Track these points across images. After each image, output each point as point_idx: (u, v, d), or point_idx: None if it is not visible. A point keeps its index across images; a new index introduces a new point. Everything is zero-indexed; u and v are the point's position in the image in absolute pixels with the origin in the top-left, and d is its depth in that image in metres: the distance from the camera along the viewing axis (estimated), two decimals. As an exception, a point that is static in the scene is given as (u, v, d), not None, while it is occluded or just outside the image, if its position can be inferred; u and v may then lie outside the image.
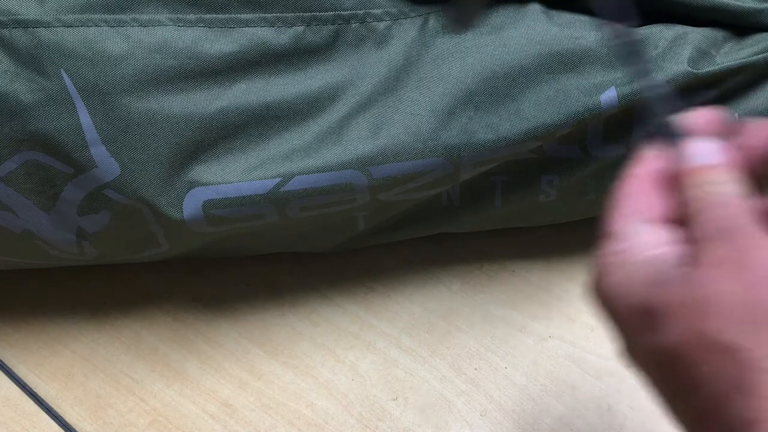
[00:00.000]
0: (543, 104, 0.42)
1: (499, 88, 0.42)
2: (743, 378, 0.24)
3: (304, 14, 0.42)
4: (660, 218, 0.28)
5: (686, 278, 0.26)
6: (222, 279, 0.53)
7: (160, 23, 0.40)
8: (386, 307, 0.51)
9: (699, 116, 0.29)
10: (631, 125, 0.44)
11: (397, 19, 0.43)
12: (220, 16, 0.41)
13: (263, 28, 0.41)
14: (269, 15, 0.41)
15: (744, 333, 0.24)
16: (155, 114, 0.40)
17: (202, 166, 0.41)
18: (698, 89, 0.43)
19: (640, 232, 0.28)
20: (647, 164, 0.29)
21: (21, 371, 0.50)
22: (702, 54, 0.43)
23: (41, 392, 0.49)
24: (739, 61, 0.42)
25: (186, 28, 0.40)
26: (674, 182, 0.28)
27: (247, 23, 0.41)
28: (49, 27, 0.39)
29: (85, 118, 0.40)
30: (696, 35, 0.43)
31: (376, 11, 0.43)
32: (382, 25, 0.43)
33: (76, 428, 0.47)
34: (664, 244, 0.27)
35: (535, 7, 0.44)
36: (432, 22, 0.44)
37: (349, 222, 0.46)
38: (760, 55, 0.42)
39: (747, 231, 0.26)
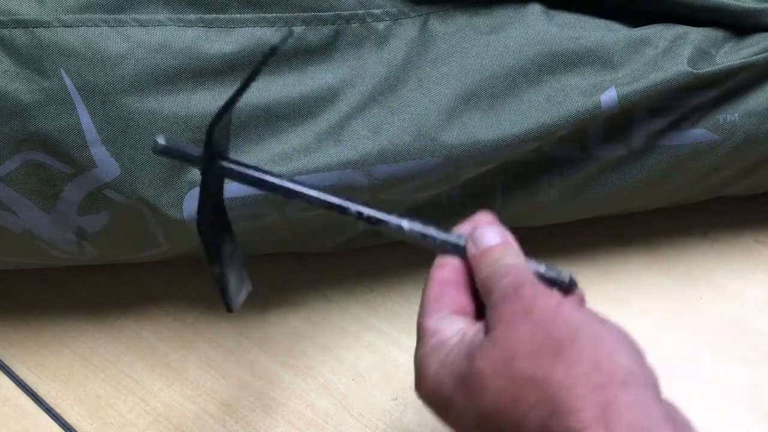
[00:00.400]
0: (543, 104, 0.42)
1: (499, 88, 0.42)
2: (556, 400, 0.27)
3: (304, 14, 0.42)
4: (458, 310, 0.32)
5: (488, 341, 0.29)
6: (222, 279, 0.53)
7: (160, 23, 0.40)
8: (386, 307, 0.51)
9: (480, 217, 0.35)
10: (631, 125, 0.44)
11: (397, 19, 0.43)
12: (220, 16, 0.41)
13: (263, 28, 0.41)
14: (269, 15, 0.41)
15: (542, 364, 0.28)
16: (155, 114, 0.40)
17: (202, 166, 0.41)
18: (698, 89, 0.43)
19: (444, 324, 0.32)
20: (444, 269, 0.34)
21: (21, 371, 0.50)
22: (702, 54, 0.43)
23: (41, 392, 0.49)
24: (739, 61, 0.42)
25: (186, 28, 0.40)
26: (465, 281, 0.33)
27: (247, 23, 0.41)
28: (48, 27, 0.39)
29: (85, 118, 0.40)
30: (696, 35, 0.43)
31: (376, 11, 0.43)
32: (382, 25, 0.43)
33: (76, 428, 0.47)
34: (466, 329, 0.31)
35: (535, 8, 0.44)
36: (432, 22, 0.44)
37: (349, 222, 0.46)
38: (760, 55, 0.42)
39: (528, 287, 0.30)
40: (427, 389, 0.31)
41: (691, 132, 0.44)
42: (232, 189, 0.41)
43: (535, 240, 0.53)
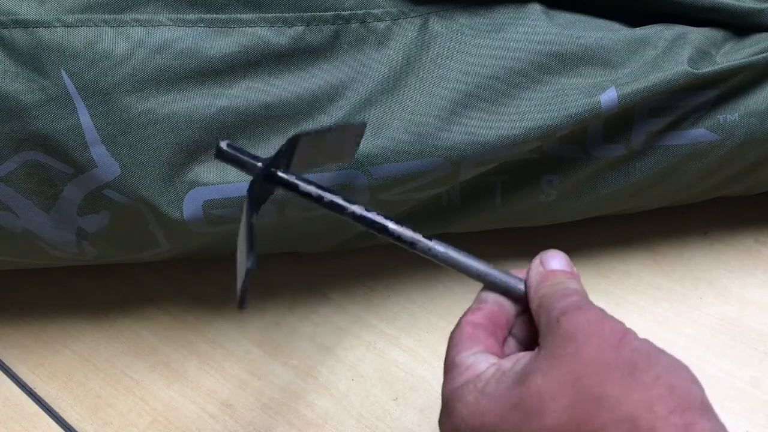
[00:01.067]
0: (543, 104, 0.42)
1: (499, 88, 0.42)
2: (634, 420, 0.26)
3: (304, 14, 0.42)
4: (489, 351, 0.32)
5: (548, 359, 0.29)
6: (222, 279, 0.53)
7: (160, 23, 0.40)
8: (386, 307, 0.51)
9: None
10: (631, 125, 0.44)
11: (397, 19, 0.43)
12: (220, 16, 0.41)
13: (263, 28, 0.41)
14: (269, 15, 0.41)
15: (615, 384, 0.27)
16: (155, 114, 0.40)
17: (202, 166, 0.41)
18: (698, 89, 0.43)
19: (478, 358, 0.32)
20: (478, 313, 0.34)
21: (21, 371, 0.50)
22: (702, 54, 0.43)
23: (41, 392, 0.49)
24: (739, 61, 0.42)
25: (186, 28, 0.40)
26: (498, 330, 0.33)
27: (247, 23, 0.41)
28: (49, 27, 0.39)
29: (85, 118, 0.40)
30: (696, 35, 0.43)
31: (376, 11, 0.43)
32: (382, 25, 0.43)
33: (76, 428, 0.47)
34: (499, 362, 0.31)
35: (536, 7, 0.44)
36: (432, 22, 0.44)
37: (349, 222, 0.46)
38: (760, 55, 0.42)
39: (593, 309, 0.30)
40: (462, 421, 0.30)
41: (691, 132, 0.44)
42: (231, 189, 0.41)
43: (535, 240, 0.53)
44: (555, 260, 0.34)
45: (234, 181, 0.41)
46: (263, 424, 0.47)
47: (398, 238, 0.34)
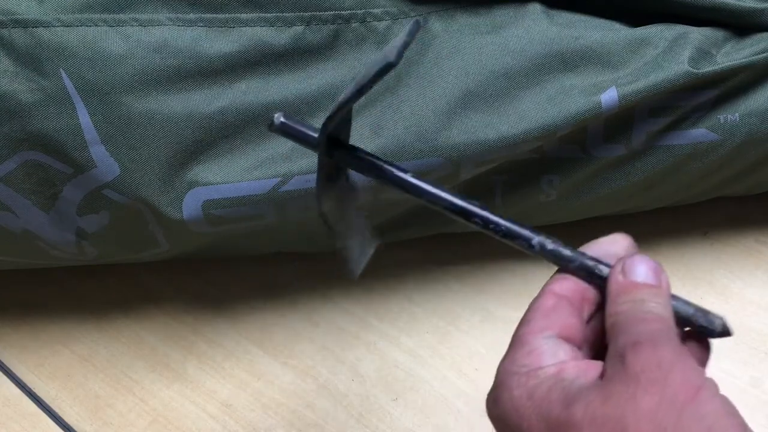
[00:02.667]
0: (543, 104, 0.42)
1: (500, 87, 0.42)
2: None
3: (304, 14, 0.42)
4: (567, 335, 0.28)
5: (599, 392, 0.25)
6: (222, 279, 0.53)
7: (159, 23, 0.40)
8: (386, 307, 0.51)
9: (617, 239, 0.31)
10: (631, 125, 0.44)
11: (397, 19, 0.43)
12: (220, 15, 0.41)
13: (263, 28, 0.41)
14: (269, 15, 0.41)
15: None
16: (155, 114, 0.40)
17: (202, 166, 0.41)
18: (699, 89, 0.43)
19: (547, 346, 0.28)
20: (565, 283, 0.29)
21: (21, 371, 0.50)
22: (702, 54, 0.43)
23: (41, 392, 0.49)
24: (739, 61, 0.42)
25: (185, 28, 0.40)
26: (586, 305, 0.29)
27: (246, 23, 0.41)
28: (48, 27, 0.39)
29: (84, 118, 0.40)
30: (696, 35, 0.43)
31: (376, 11, 0.43)
32: (382, 25, 0.43)
33: (76, 428, 0.47)
34: (570, 359, 0.27)
35: (536, 7, 0.44)
36: (432, 22, 0.44)
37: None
38: (760, 55, 0.42)
39: (669, 349, 0.26)
40: (503, 412, 0.27)
41: (692, 132, 0.44)
42: (231, 189, 0.41)
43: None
44: (640, 268, 0.29)
45: (234, 181, 0.41)
46: (263, 424, 0.47)
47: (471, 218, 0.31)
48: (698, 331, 0.29)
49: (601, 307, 0.29)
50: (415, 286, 0.52)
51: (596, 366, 0.27)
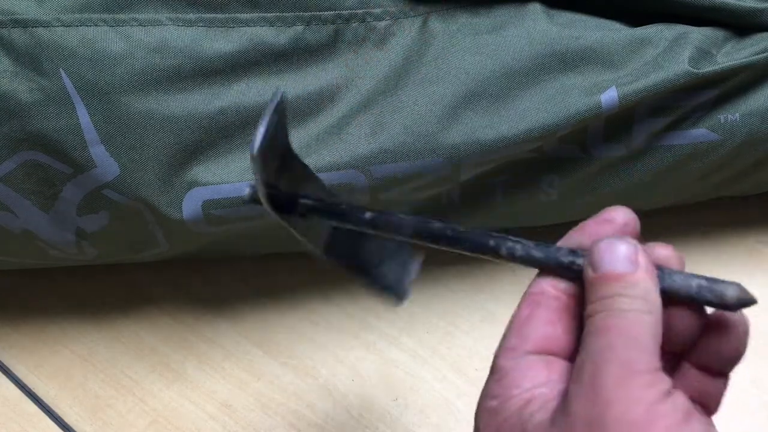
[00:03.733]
0: (543, 104, 0.42)
1: (500, 87, 0.42)
2: None
3: (304, 14, 0.42)
4: (546, 348, 0.25)
5: (563, 412, 0.22)
6: (222, 279, 0.53)
7: (159, 23, 0.40)
8: (386, 307, 0.51)
9: (612, 214, 0.25)
10: (631, 125, 0.44)
11: (397, 19, 0.43)
12: (220, 15, 0.41)
13: (263, 28, 0.41)
14: (269, 15, 0.41)
15: None
16: (155, 114, 0.40)
17: (202, 166, 0.41)
18: (699, 89, 0.43)
19: (518, 370, 0.25)
20: (543, 285, 0.26)
21: (20, 371, 0.50)
22: (703, 54, 0.43)
23: (40, 392, 0.49)
24: (739, 61, 0.42)
25: (185, 28, 0.40)
26: (576, 303, 0.25)
27: (246, 23, 0.41)
28: (48, 26, 0.39)
29: (84, 118, 0.40)
30: (697, 35, 0.43)
31: (376, 11, 0.43)
32: (382, 25, 0.43)
33: (76, 428, 0.47)
34: (542, 384, 0.24)
35: (536, 7, 0.44)
36: (432, 21, 0.43)
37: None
38: (760, 55, 0.42)
39: (624, 357, 0.22)
40: None
41: (692, 132, 0.44)
42: (230, 189, 0.41)
43: (535, 240, 0.53)
44: (608, 255, 0.24)
45: (233, 181, 0.41)
46: (263, 424, 0.47)
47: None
48: (711, 306, 0.25)
49: None
50: (416, 286, 0.52)
51: (560, 394, 0.24)
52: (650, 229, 0.52)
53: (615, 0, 0.45)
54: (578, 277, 0.25)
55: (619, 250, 0.24)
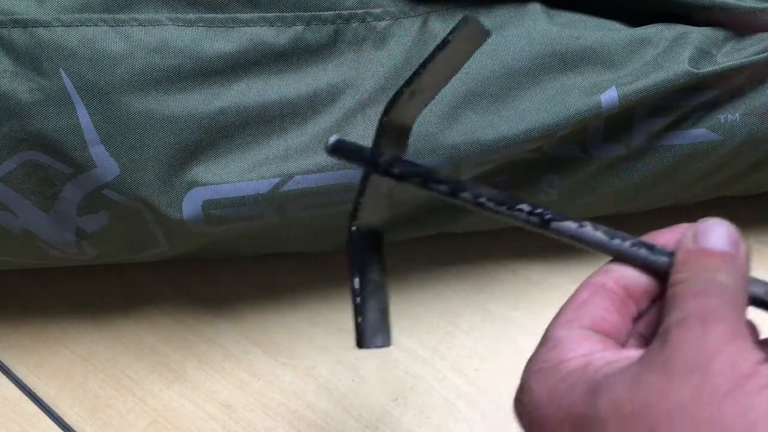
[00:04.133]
0: (543, 104, 0.42)
1: (500, 87, 0.42)
2: None
3: (304, 14, 0.42)
4: (598, 327, 0.25)
5: (628, 376, 0.22)
6: (222, 279, 0.53)
7: (159, 23, 0.40)
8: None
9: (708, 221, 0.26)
10: (631, 125, 0.44)
11: (397, 19, 0.43)
12: (220, 15, 0.41)
13: (263, 28, 0.41)
14: (269, 15, 0.41)
15: None
16: (155, 114, 0.40)
17: (202, 166, 0.41)
18: (699, 89, 0.43)
19: (572, 338, 0.25)
20: (609, 274, 0.27)
21: (20, 371, 0.50)
22: (703, 54, 0.43)
23: (40, 392, 0.49)
24: (740, 61, 0.42)
25: (185, 28, 0.40)
26: (639, 297, 0.26)
27: (246, 23, 0.41)
28: (48, 26, 0.39)
29: (84, 118, 0.40)
30: (697, 35, 0.43)
31: (376, 11, 0.43)
32: (382, 25, 0.43)
33: (76, 429, 0.47)
34: (598, 351, 0.24)
35: (536, 7, 0.44)
36: (432, 21, 0.43)
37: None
38: (760, 55, 0.42)
39: (723, 327, 0.22)
40: (526, 415, 0.25)
41: (692, 132, 0.44)
42: (230, 189, 0.41)
43: (535, 240, 0.53)
44: (715, 232, 0.25)
45: (233, 181, 0.41)
46: (263, 424, 0.47)
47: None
48: None
49: (660, 297, 0.26)
50: (416, 286, 0.52)
51: (632, 355, 0.24)
52: (651, 229, 0.53)
53: (615, 0, 0.45)
54: (651, 270, 0.26)
55: (726, 230, 0.25)
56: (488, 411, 0.47)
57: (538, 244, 0.52)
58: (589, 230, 0.28)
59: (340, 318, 0.51)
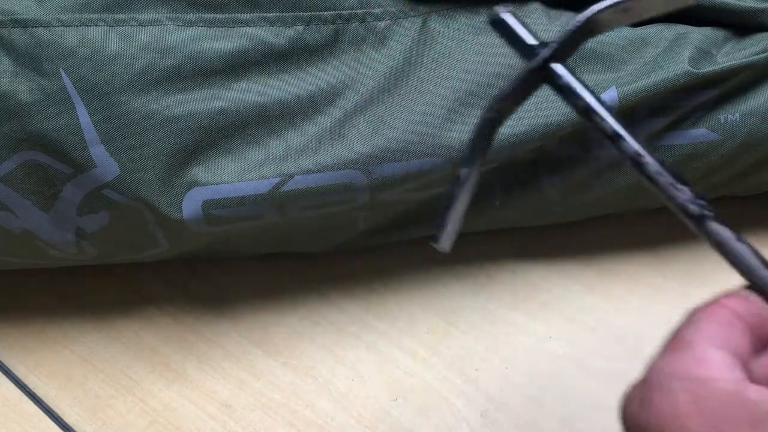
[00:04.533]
0: (543, 104, 0.42)
1: (499, 87, 0.42)
2: None
3: (304, 14, 0.42)
4: (742, 358, 0.26)
5: None
6: (222, 279, 0.53)
7: (159, 23, 0.40)
8: (386, 307, 0.51)
9: None
10: (632, 125, 0.44)
11: (397, 19, 0.43)
12: (220, 15, 0.41)
13: (263, 28, 0.41)
14: (269, 15, 0.41)
15: None
16: (154, 114, 0.40)
17: (202, 166, 0.41)
18: (699, 89, 0.43)
19: (722, 360, 0.25)
20: (745, 303, 0.27)
21: (20, 372, 0.50)
22: (703, 54, 0.43)
23: (40, 393, 0.49)
24: (740, 61, 0.42)
25: (185, 28, 0.40)
26: (758, 329, 0.26)
27: (246, 23, 0.41)
28: (48, 26, 0.39)
29: (84, 118, 0.40)
30: (697, 35, 0.43)
31: (376, 10, 0.43)
32: (382, 25, 0.43)
33: (76, 429, 0.47)
34: (744, 380, 0.25)
35: (536, 7, 0.44)
36: (432, 21, 0.43)
37: (349, 222, 0.46)
38: (760, 55, 0.42)
39: None
40: (655, 418, 0.25)
41: (692, 132, 0.44)
42: (230, 189, 0.41)
43: (535, 240, 0.53)
44: None
45: (233, 181, 0.41)
46: (263, 424, 0.47)
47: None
48: None
49: None
50: (415, 286, 0.52)
51: None
52: (651, 229, 0.53)
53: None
54: None
55: None
56: (488, 410, 0.47)
57: (538, 244, 0.52)
58: (745, 250, 0.28)
59: (340, 318, 0.51)
